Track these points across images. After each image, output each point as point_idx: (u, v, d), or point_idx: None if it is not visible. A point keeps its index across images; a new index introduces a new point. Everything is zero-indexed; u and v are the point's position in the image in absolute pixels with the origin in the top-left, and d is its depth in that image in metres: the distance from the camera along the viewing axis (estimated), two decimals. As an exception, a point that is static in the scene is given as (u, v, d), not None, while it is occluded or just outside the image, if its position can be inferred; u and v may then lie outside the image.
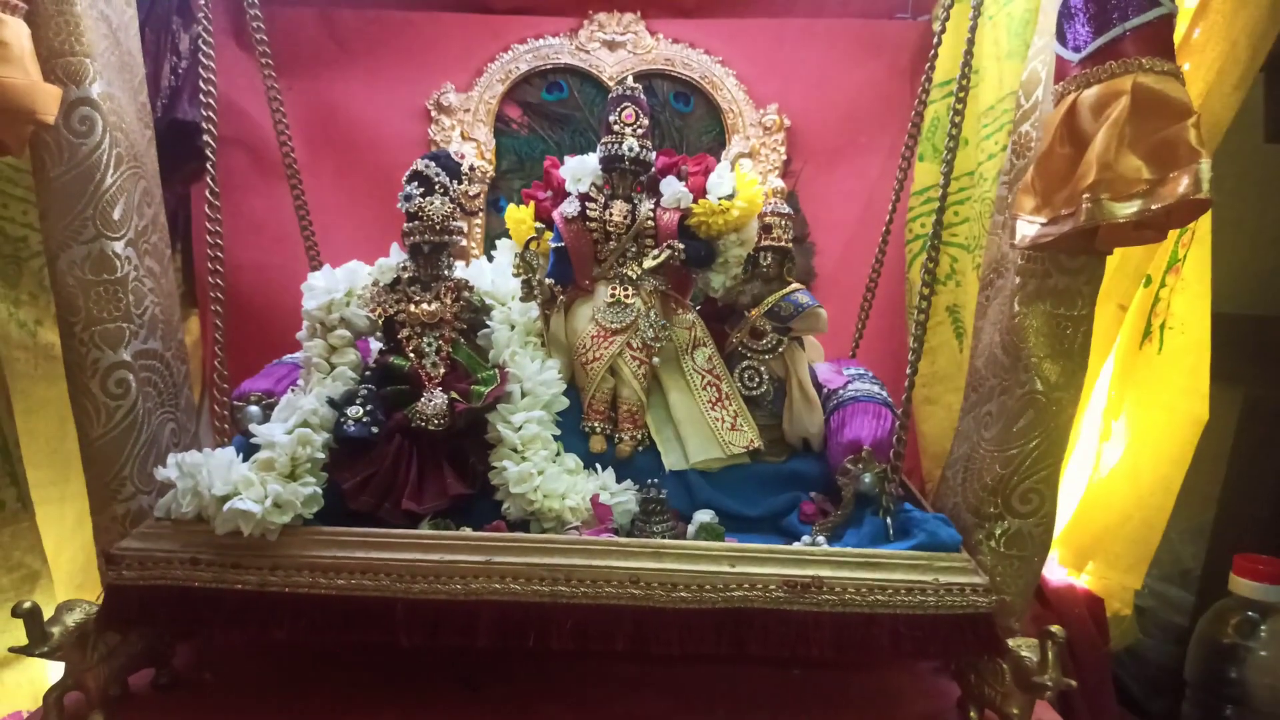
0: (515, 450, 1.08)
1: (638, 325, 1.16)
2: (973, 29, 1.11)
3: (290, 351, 1.31)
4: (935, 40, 1.23)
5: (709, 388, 1.18)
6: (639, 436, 1.17)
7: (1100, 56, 0.93)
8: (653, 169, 1.20)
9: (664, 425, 1.19)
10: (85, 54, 1.04)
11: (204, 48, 1.14)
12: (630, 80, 1.20)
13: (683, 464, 1.16)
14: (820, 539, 1.05)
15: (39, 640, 0.94)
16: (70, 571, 1.36)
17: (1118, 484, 1.45)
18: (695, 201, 1.18)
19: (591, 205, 1.17)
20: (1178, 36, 1.13)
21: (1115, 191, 0.89)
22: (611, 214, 1.16)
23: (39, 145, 1.04)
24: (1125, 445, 1.45)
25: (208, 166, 1.12)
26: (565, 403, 1.16)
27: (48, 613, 0.98)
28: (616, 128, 1.16)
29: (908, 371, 1.08)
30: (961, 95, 1.10)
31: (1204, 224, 1.35)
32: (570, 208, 1.17)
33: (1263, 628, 1.34)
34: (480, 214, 1.56)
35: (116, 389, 1.07)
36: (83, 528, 1.19)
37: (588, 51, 1.58)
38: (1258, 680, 1.34)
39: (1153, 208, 0.88)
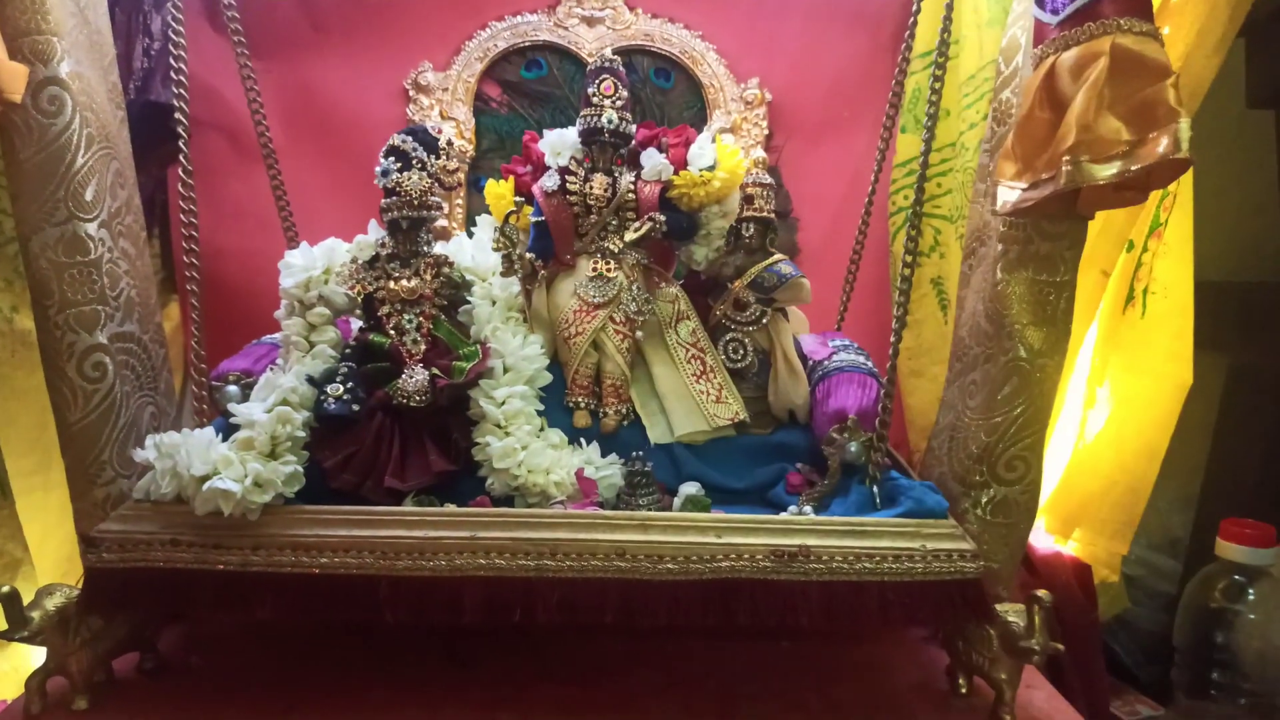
0: (498, 426, 1.08)
1: (620, 299, 1.15)
2: (951, -3, 1.10)
3: (271, 334, 1.30)
4: (914, 9, 1.22)
5: (693, 361, 1.18)
6: (624, 411, 1.16)
7: (1078, 18, 0.92)
8: (633, 141, 1.19)
9: (649, 399, 1.18)
10: (52, 32, 1.02)
11: (174, 26, 1.13)
12: (609, 53, 1.19)
13: (668, 437, 1.15)
14: (807, 509, 1.05)
15: (18, 624, 0.94)
16: (55, 560, 1.35)
17: (1103, 450, 1.45)
18: (676, 173, 1.17)
19: (571, 179, 1.16)
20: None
21: (1095, 153, 0.89)
22: (592, 187, 1.16)
23: (8, 126, 1.03)
24: (1110, 411, 1.45)
25: (181, 147, 1.11)
26: (548, 378, 1.15)
27: (28, 599, 0.97)
28: (595, 100, 1.15)
29: (891, 340, 1.07)
30: (941, 64, 1.09)
31: (1185, 186, 1.34)
32: (550, 182, 1.16)
33: (1250, 591, 1.34)
34: (461, 194, 1.54)
35: (93, 372, 1.06)
36: (66, 517, 1.17)
37: (566, 28, 1.57)
38: (1245, 644, 1.35)
39: (1132, 169, 0.87)
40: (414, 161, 1.09)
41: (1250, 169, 1.67)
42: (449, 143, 1.13)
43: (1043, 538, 1.50)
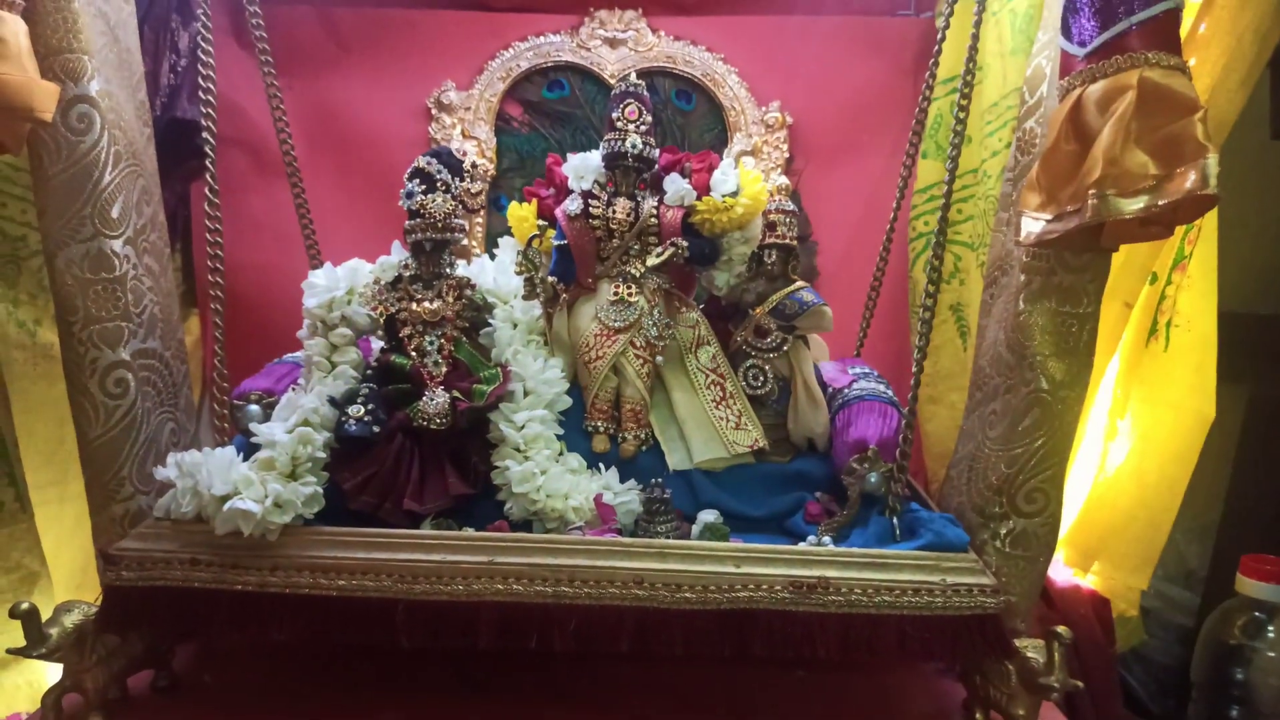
0: (518, 450, 1.07)
1: (641, 324, 1.15)
2: (977, 25, 1.10)
3: (291, 352, 1.30)
4: (939, 37, 1.22)
5: (713, 387, 1.17)
6: (642, 436, 1.16)
7: (1106, 51, 0.92)
8: (656, 166, 1.19)
9: (668, 425, 1.18)
10: (83, 51, 1.04)
11: (203, 45, 1.14)
12: (633, 76, 1.19)
13: (687, 464, 1.15)
14: (826, 539, 1.04)
15: (37, 641, 0.94)
16: (70, 573, 1.35)
17: (1124, 483, 1.44)
18: (699, 199, 1.17)
19: (594, 203, 1.16)
20: (1183, 32, 1.12)
21: (1121, 187, 0.88)
22: (615, 211, 1.16)
23: (37, 143, 1.04)
24: (1131, 444, 1.44)
25: (207, 165, 1.11)
26: (568, 402, 1.15)
27: (46, 614, 0.97)
28: (619, 124, 1.15)
29: (913, 370, 1.07)
30: (966, 92, 1.09)
31: (1210, 220, 1.34)
32: (573, 205, 1.16)
33: (1269, 628, 1.32)
34: (481, 213, 1.55)
35: (115, 388, 1.07)
36: (82, 529, 1.18)
37: (589, 49, 1.58)
38: (1264, 681, 1.33)
39: (1159, 203, 0.87)
40: (439, 184, 1.10)
41: (1273, 199, 1.66)
42: (473, 165, 1.14)
43: (1062, 570, 1.48)
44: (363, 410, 1.06)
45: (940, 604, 0.98)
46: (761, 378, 1.18)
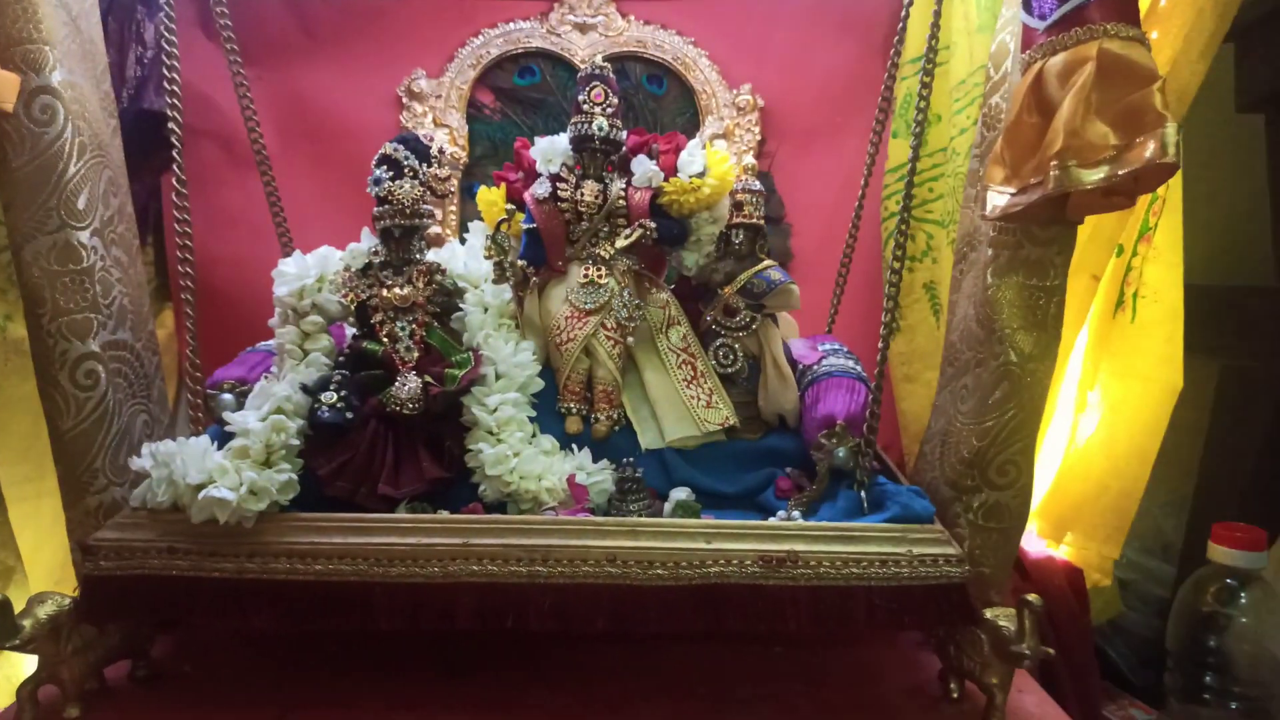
0: (491, 433, 1.08)
1: (611, 305, 1.16)
2: (939, 2, 1.11)
3: (265, 342, 1.30)
4: (903, 14, 1.23)
5: (684, 366, 1.18)
6: (615, 416, 1.17)
7: (1066, 23, 0.93)
8: (624, 148, 1.19)
9: (640, 404, 1.18)
10: (44, 41, 1.03)
11: (167, 35, 1.13)
12: (600, 59, 1.19)
13: (659, 443, 1.16)
14: (795, 514, 1.05)
15: (9, 633, 0.93)
16: (49, 569, 1.35)
17: (1094, 454, 1.46)
18: (666, 180, 1.17)
19: (563, 186, 1.17)
20: (1145, 5, 1.13)
21: (1082, 158, 0.89)
22: (583, 194, 1.16)
23: (0, 135, 1.03)
24: (1101, 415, 1.45)
25: (174, 156, 1.11)
26: (540, 384, 1.15)
27: (19, 607, 0.97)
28: (586, 107, 1.15)
29: (880, 345, 1.08)
30: (930, 70, 1.10)
31: (1174, 191, 1.35)
32: (541, 188, 1.17)
33: (1242, 595, 1.34)
34: (454, 197, 1.55)
35: (86, 380, 1.06)
36: (60, 525, 1.18)
37: (559, 35, 1.58)
38: (1238, 647, 1.35)
39: (1120, 173, 0.88)
40: (406, 170, 1.10)
41: (1240, 173, 1.68)
42: (440, 150, 1.14)
43: (1035, 542, 1.50)
44: (336, 397, 1.06)
45: (907, 574, 0.99)
46: (731, 356, 1.19)
